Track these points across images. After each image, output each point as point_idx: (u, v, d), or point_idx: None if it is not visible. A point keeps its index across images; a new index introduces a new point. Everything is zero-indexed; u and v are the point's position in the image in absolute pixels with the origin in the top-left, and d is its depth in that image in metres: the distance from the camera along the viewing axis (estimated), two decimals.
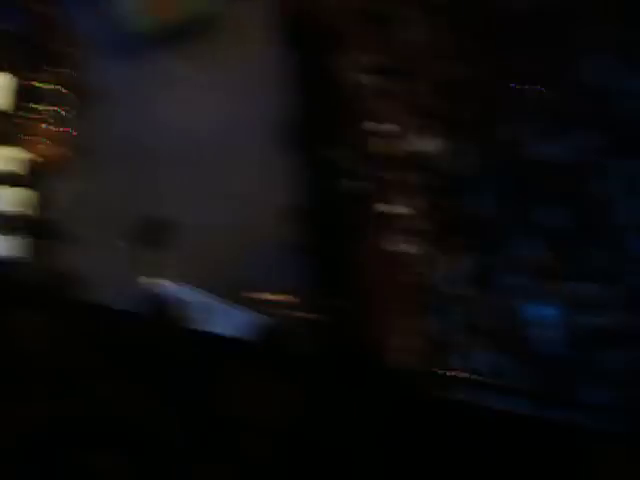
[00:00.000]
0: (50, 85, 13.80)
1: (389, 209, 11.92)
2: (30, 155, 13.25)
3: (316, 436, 4.64)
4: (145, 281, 11.72)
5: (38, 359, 4.37)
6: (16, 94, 13.63)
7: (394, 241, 11.74)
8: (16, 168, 13.09)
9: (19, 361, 4.31)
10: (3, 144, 13.30)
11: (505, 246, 11.12)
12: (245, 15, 15.03)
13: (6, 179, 12.99)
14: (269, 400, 4.61)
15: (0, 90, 13.58)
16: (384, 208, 11.96)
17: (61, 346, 4.51)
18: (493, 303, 10.68)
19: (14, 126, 13.48)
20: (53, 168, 13.39)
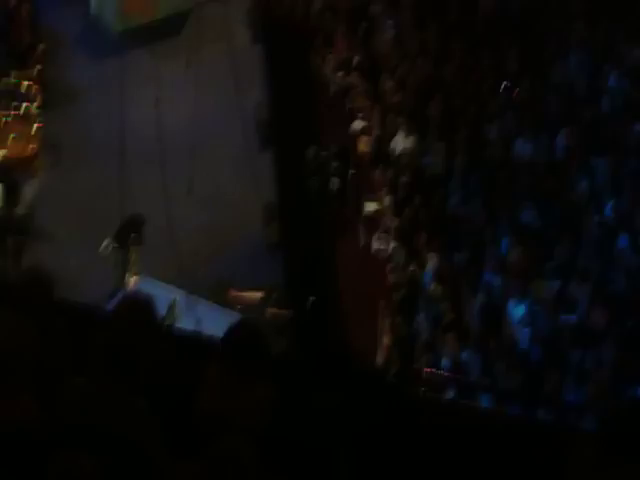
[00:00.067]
0: (22, 82, 13.74)
1: (365, 207, 11.94)
2: (3, 151, 13.20)
3: (293, 435, 4.65)
4: (120, 279, 11.71)
5: (13, 358, 4.35)
6: None
7: (370, 239, 11.77)
8: None
9: None
10: None
11: (481, 245, 11.15)
12: (222, 14, 15.03)
13: None
14: (246, 399, 4.62)
15: None
16: (360, 206, 11.99)
17: (36, 345, 4.49)
18: (469, 301, 10.71)
19: None
20: (24, 165, 13.34)
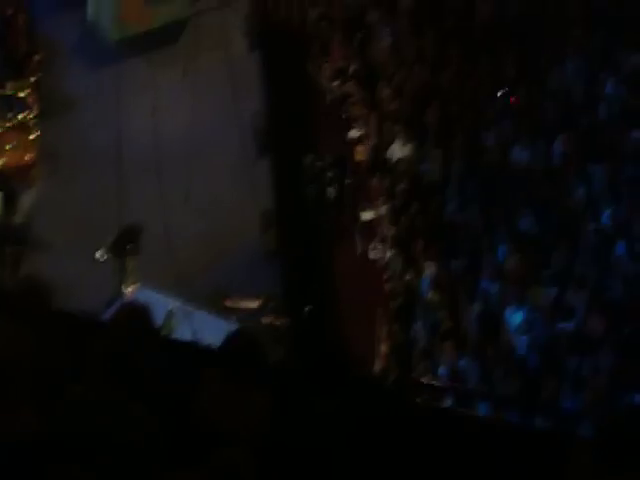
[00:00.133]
0: (19, 91, 13.74)
1: (362, 215, 11.94)
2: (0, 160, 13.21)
3: (291, 443, 4.65)
4: (118, 288, 11.70)
5: (11, 367, 4.35)
6: None
7: (367, 247, 11.76)
8: None
9: None
10: None
11: (478, 252, 11.15)
12: (219, 22, 15.02)
13: None
14: (244, 408, 4.62)
15: None
16: (357, 214, 11.99)
17: (34, 354, 4.49)
18: (467, 309, 10.70)
19: None
20: (21, 174, 13.34)
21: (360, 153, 12.59)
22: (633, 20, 12.48)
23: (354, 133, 12.73)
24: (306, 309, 11.28)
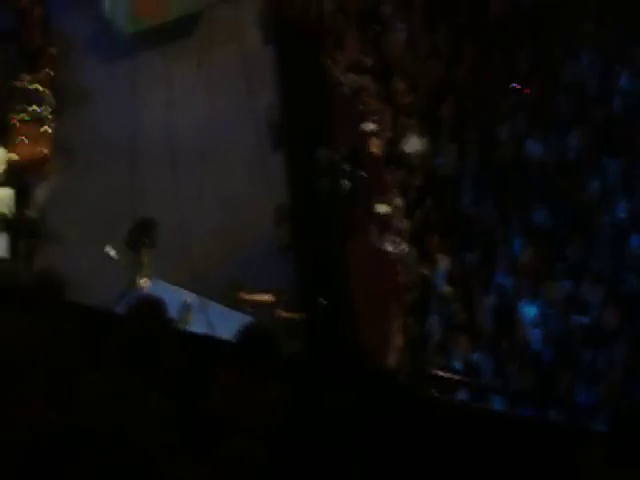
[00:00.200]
0: (34, 85, 13.74)
1: (377, 208, 11.93)
2: (13, 155, 13.21)
3: (305, 436, 4.65)
4: (132, 282, 11.69)
5: (25, 361, 4.36)
6: (1, 92, 13.58)
7: (382, 240, 11.75)
8: (0, 167, 13.03)
9: (8, 363, 4.30)
10: None
11: (493, 246, 11.13)
12: (234, 15, 15.01)
13: None
14: (258, 401, 4.62)
15: None
16: (371, 208, 11.97)
17: (48, 348, 4.50)
18: (481, 303, 10.69)
19: None
20: (35, 168, 13.34)
21: (374, 147, 12.57)
22: None
23: (368, 127, 12.71)
24: (320, 302, 11.28)
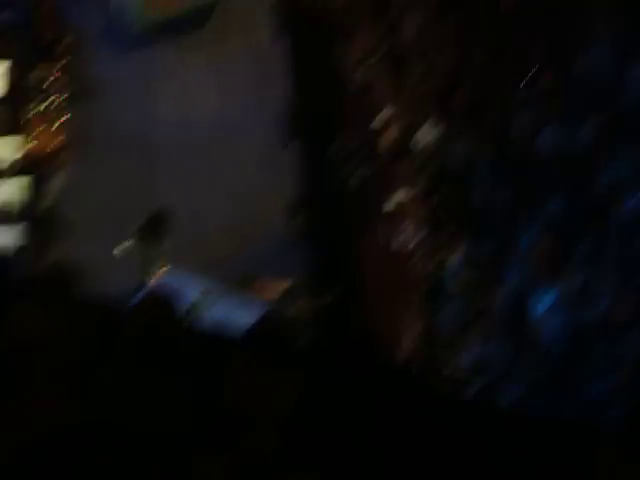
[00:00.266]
0: (50, 75, 13.78)
1: (390, 200, 11.93)
2: (29, 144, 13.24)
3: (319, 427, 4.66)
4: (147, 271, 11.73)
5: (41, 354, 4.37)
6: (15, 84, 13.62)
7: (395, 232, 11.76)
8: (15, 157, 13.08)
9: (22, 356, 4.31)
10: (2, 134, 13.30)
11: (507, 236, 11.12)
12: (247, 7, 15.02)
13: (5, 168, 12.99)
14: (271, 392, 4.63)
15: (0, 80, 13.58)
16: (385, 199, 11.98)
17: (63, 340, 4.52)
18: (496, 294, 10.69)
19: (13, 116, 13.48)
20: (50, 159, 13.38)
21: (387, 137, 12.57)
22: None
23: (381, 117, 12.71)
24: (334, 294, 11.29)
